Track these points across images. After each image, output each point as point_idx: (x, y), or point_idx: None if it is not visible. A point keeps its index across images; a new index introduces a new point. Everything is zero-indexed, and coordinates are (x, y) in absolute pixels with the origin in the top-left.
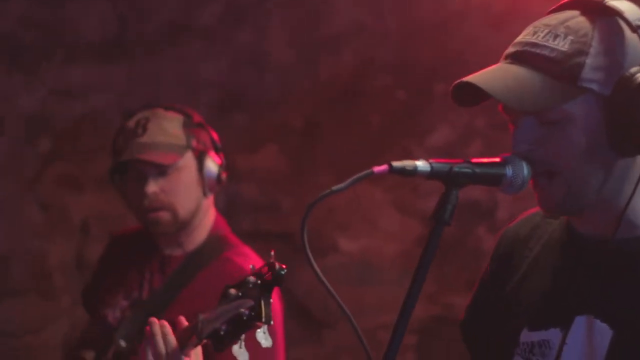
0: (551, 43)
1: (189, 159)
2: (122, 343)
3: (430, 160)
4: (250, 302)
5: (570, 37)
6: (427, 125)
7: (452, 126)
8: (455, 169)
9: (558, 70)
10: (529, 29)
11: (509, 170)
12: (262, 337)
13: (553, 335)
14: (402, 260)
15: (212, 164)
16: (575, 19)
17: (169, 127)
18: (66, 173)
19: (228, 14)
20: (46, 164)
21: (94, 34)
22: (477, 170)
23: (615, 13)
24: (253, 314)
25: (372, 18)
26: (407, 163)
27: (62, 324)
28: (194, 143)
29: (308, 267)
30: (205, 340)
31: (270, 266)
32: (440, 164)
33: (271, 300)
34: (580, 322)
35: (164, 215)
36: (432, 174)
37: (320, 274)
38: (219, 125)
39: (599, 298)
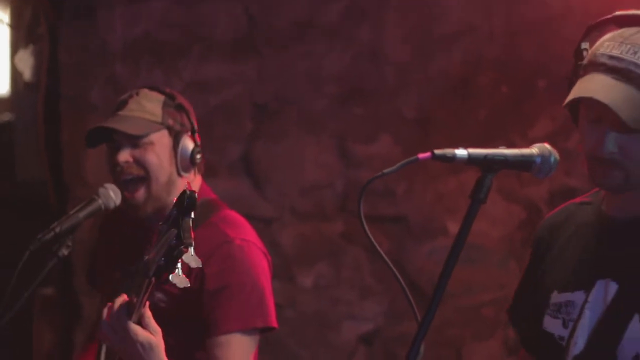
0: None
1: (163, 136)
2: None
3: (469, 149)
4: (174, 231)
5: None
6: (530, 118)
7: (552, 119)
8: (489, 156)
9: None
10: (625, 45)
11: (538, 158)
12: (191, 259)
13: (578, 296)
14: (505, 243)
15: (187, 144)
16: None
17: (147, 104)
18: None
19: (349, 13)
20: None
21: (226, 33)
22: (510, 157)
23: None
24: (177, 241)
25: (480, 18)
26: (447, 151)
27: None
28: (170, 122)
29: (419, 248)
30: (153, 279)
31: (182, 194)
32: (477, 152)
33: (189, 223)
34: (600, 285)
35: (136, 185)
36: (469, 161)
37: (374, 241)
38: (340, 116)
39: (618, 265)
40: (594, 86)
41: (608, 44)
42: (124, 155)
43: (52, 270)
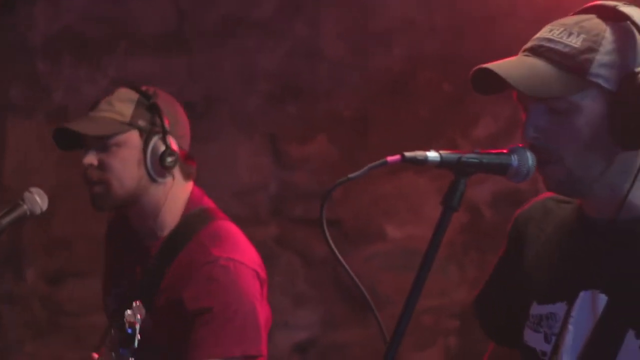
0: (565, 40)
1: (133, 137)
2: (113, 355)
3: (440, 151)
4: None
5: (583, 35)
6: (472, 117)
7: (495, 118)
8: (464, 159)
9: (569, 64)
10: (547, 27)
11: (514, 161)
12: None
13: (559, 308)
14: (445, 248)
15: (158, 145)
16: (589, 20)
17: (117, 104)
18: None
19: (283, 7)
20: None
21: (154, 27)
22: (485, 160)
23: (626, 18)
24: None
25: (420, 13)
26: (418, 153)
27: None
28: (140, 122)
29: (355, 253)
30: None
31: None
32: (450, 154)
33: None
34: (585, 297)
35: (98, 189)
36: (441, 164)
37: (336, 251)
38: (273, 115)
39: (603, 274)
40: (497, 63)
41: (545, 29)
42: (89, 158)
43: None
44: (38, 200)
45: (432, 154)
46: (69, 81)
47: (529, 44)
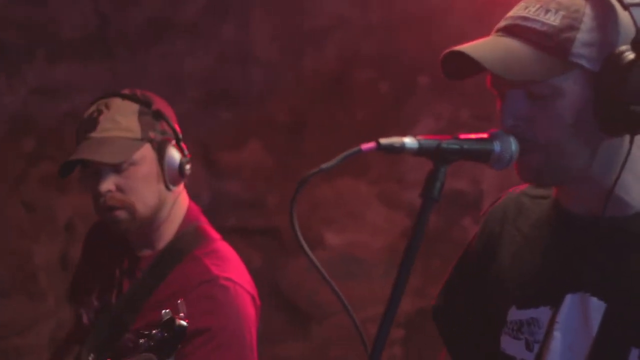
0: (542, 17)
1: (146, 152)
2: (91, 357)
3: (418, 137)
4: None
5: (561, 12)
6: (411, 118)
7: (436, 118)
8: (444, 145)
9: (548, 44)
10: (521, 4)
11: (497, 146)
12: None
13: (542, 313)
14: (388, 254)
15: (173, 155)
16: None
17: (122, 120)
18: (51, 173)
19: (210, 9)
20: (31, 164)
21: (74, 31)
22: (465, 146)
23: None
24: None
25: (355, 11)
26: (395, 140)
27: (48, 324)
28: (151, 134)
29: (294, 263)
30: None
31: (172, 322)
32: (429, 141)
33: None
34: (572, 300)
35: (121, 215)
36: (420, 151)
37: (314, 258)
38: (204, 121)
39: (593, 276)
40: (469, 45)
41: (519, 6)
42: (107, 185)
43: None
44: None
45: (410, 140)
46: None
47: (502, 23)
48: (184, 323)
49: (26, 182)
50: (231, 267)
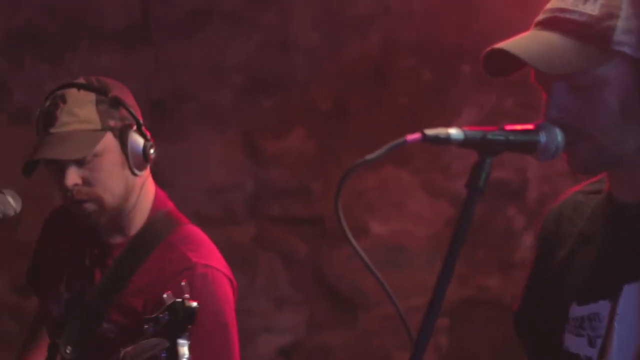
0: (581, 7)
1: (109, 141)
2: (68, 350)
3: (464, 128)
4: (166, 344)
5: (600, 1)
6: (454, 106)
7: (479, 107)
8: (489, 136)
9: (588, 34)
10: None
11: (542, 137)
12: None
13: (602, 307)
14: (432, 243)
15: (136, 140)
16: None
17: (80, 112)
18: None
19: None
20: None
21: (117, 21)
22: (511, 137)
23: None
24: (169, 355)
25: None
26: (440, 131)
27: None
28: (111, 122)
29: (338, 251)
30: None
31: (177, 305)
32: (474, 132)
33: (185, 342)
34: (630, 290)
35: (90, 207)
36: (465, 142)
37: (360, 249)
38: (247, 110)
39: None
40: (509, 42)
41: None
42: (72, 179)
43: None
44: (11, 201)
45: (455, 131)
46: (30, 80)
47: (540, 17)
48: (194, 304)
49: None
50: (206, 251)
